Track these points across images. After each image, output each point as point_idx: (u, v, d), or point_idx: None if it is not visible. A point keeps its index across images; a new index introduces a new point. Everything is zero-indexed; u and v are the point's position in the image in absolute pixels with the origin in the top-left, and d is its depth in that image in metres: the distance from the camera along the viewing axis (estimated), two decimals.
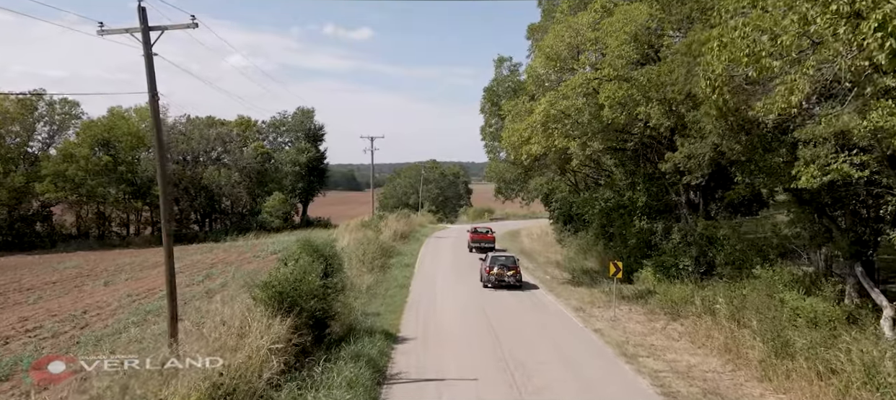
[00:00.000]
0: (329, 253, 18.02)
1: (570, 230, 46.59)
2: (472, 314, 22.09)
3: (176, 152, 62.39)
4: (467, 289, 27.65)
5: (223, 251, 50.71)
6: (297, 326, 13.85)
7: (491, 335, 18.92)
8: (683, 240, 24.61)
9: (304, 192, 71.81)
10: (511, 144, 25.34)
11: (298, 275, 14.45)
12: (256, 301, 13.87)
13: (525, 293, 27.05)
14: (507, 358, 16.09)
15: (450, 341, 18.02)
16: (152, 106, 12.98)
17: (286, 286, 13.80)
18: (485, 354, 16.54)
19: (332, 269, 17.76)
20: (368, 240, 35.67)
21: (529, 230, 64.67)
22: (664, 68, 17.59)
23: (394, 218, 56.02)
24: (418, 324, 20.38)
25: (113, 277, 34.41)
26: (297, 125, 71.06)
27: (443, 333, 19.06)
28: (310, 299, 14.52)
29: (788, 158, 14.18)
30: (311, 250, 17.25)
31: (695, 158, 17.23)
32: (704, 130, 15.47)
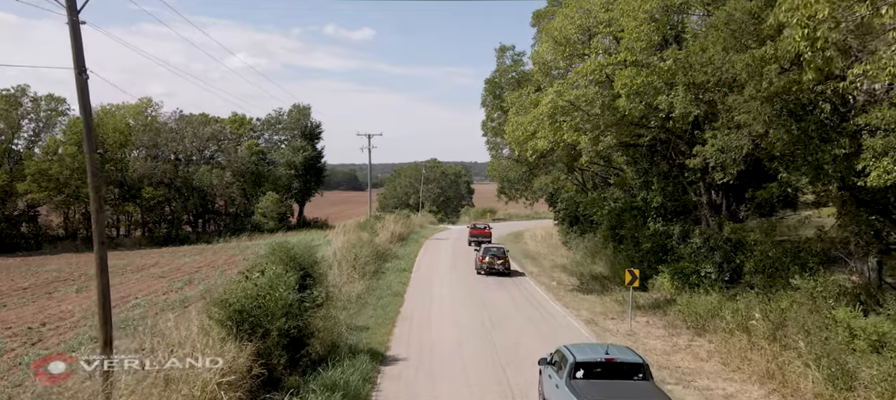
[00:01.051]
0: (308, 261, 15.72)
1: (577, 232, 44.29)
2: (471, 327, 19.80)
3: (167, 151, 60.20)
4: (467, 297, 25.39)
5: (212, 254, 48.55)
6: (262, 350, 11.59)
7: (492, 352, 16.65)
8: (705, 244, 22.29)
9: (300, 192, 69.52)
10: (515, 139, 23.06)
11: (263, 290, 12.16)
12: (212, 322, 11.60)
13: (532, 303, 24.76)
14: (513, 386, 13.80)
15: (446, 364, 15.73)
16: (79, 84, 10.72)
17: (247, 304, 11.52)
18: (485, 379, 14.26)
19: (311, 280, 15.48)
20: (362, 243, 33.39)
21: (533, 232, 62.35)
22: (695, 48, 15.29)
23: (392, 219, 53.71)
24: (411, 340, 18.10)
25: (89, 283, 32.15)
26: (293, 123, 68.75)
27: (438, 353, 16.77)
28: (278, 318, 12.24)
29: (850, 150, 11.88)
30: (285, 258, 14.96)
31: (729, 152, 14.93)
32: (743, 119, 13.21)
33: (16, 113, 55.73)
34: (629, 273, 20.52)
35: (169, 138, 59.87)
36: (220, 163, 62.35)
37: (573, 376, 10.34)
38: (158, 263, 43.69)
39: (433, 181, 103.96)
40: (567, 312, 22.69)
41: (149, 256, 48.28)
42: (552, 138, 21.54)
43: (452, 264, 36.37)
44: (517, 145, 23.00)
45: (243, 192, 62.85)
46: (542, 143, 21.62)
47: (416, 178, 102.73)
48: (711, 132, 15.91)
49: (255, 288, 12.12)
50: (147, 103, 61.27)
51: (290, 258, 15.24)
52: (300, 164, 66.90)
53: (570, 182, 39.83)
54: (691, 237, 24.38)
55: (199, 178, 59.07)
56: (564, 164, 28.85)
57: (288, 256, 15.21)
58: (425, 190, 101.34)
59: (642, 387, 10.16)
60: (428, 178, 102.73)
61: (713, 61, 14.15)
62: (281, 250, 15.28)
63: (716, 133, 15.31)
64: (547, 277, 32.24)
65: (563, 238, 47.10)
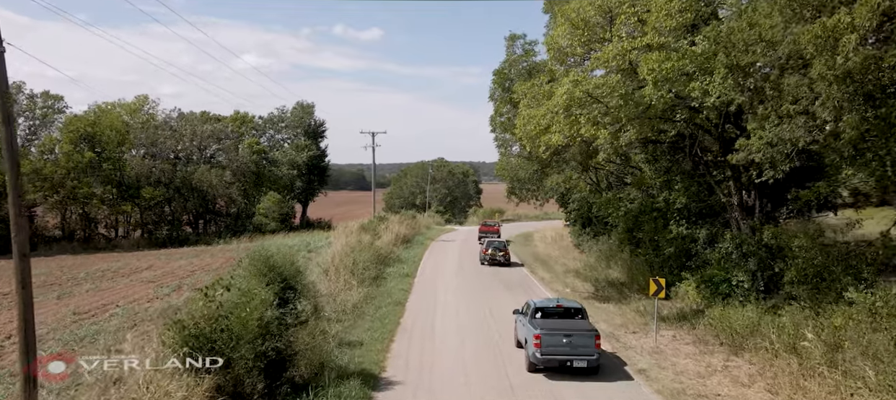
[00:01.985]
0: (290, 271, 13.76)
1: (590, 234, 42.17)
2: (478, 341, 17.79)
3: (165, 149, 58.56)
4: (473, 305, 23.36)
5: (210, 256, 46.81)
6: (224, 384, 9.64)
7: (502, 374, 14.62)
8: (737, 250, 20.12)
9: (303, 192, 67.75)
10: (526, 134, 21.00)
11: (229, 309, 10.21)
12: (166, 349, 9.66)
13: None
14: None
15: (449, 387, 13.73)
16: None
17: (206, 327, 9.56)
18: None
19: (293, 292, 13.53)
20: (362, 246, 31.43)
21: (543, 233, 60.21)
22: (740, 24, 13.15)
23: (396, 220, 51.81)
24: (410, 358, 16.10)
25: (74, 288, 30.44)
26: (297, 121, 66.97)
27: (440, 373, 14.77)
28: (247, 342, 10.29)
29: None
30: (263, 269, 13.01)
31: (781, 145, 12.81)
32: (805, 105, 11.13)
33: (11, 110, 54.21)
34: (654, 282, 18.42)
35: (167, 137, 58.20)
36: (221, 162, 60.63)
37: (534, 317, 15.86)
38: (153, 265, 42.00)
39: (440, 181, 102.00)
40: None
41: (145, 258, 46.62)
42: (568, 133, 19.47)
43: (458, 268, 34.34)
44: (529, 141, 20.93)
45: (244, 192, 61.12)
46: (557, 138, 19.55)
47: (422, 178, 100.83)
48: (754, 123, 13.79)
49: (217, 308, 10.15)
50: (144, 100, 59.70)
51: (270, 268, 13.28)
52: (303, 163, 65.14)
53: (584, 181, 37.69)
54: (719, 242, 22.22)
55: (199, 177, 57.37)
56: (578, 163, 26.74)
57: (266, 265, 13.25)
58: (432, 190, 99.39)
59: (580, 322, 15.79)
60: (435, 177, 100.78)
61: (765, 37, 12.05)
62: (259, 260, 13.32)
63: (764, 123, 13.18)
64: (560, 284, 30.16)
65: (576, 240, 44.99)
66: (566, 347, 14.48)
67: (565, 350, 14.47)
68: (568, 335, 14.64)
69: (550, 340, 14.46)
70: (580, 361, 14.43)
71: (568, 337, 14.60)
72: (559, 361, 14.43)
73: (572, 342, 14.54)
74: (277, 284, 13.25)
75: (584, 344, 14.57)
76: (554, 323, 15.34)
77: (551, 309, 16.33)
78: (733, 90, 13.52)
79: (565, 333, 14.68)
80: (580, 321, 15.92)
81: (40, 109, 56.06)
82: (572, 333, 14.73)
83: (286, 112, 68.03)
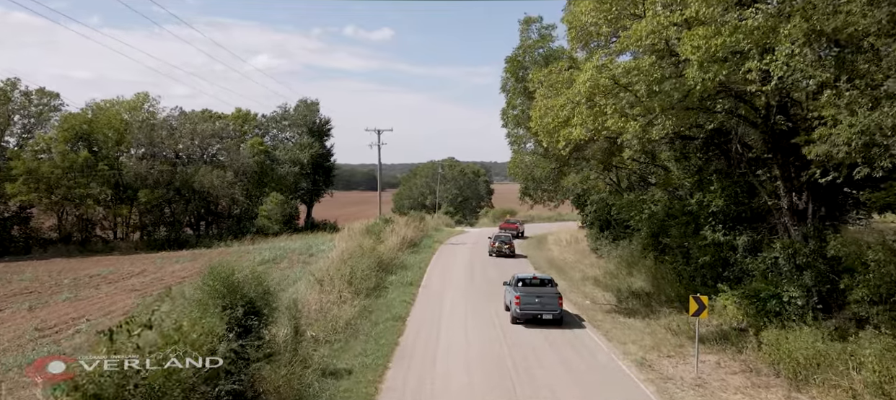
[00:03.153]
0: (256, 293, 11.24)
1: (608, 238, 39.36)
2: (490, 371, 15.18)
3: (164, 149, 56.49)
4: (485, 323, 20.73)
5: (207, 260, 44.51)
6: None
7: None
8: (789, 261, 17.35)
9: (308, 192, 65.47)
10: (543, 128, 18.37)
11: (153, 349, 7.66)
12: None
13: (566, 333, 20.00)
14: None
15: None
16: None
17: (108, 385, 7.00)
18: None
19: (257, 319, 11.01)
20: (363, 252, 28.90)
21: (557, 236, 57.43)
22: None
23: (403, 222, 49.25)
24: (406, 392, 13.53)
25: (51, 297, 28.24)
26: (301, 119, 64.65)
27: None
28: (184, 393, 7.76)
29: None
30: (219, 291, 10.51)
31: (880, 134, 10.04)
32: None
33: (6, 108, 52.44)
34: (694, 300, 15.70)
35: (166, 136, 56.12)
36: (222, 162, 58.47)
37: (516, 285, 20.95)
38: (145, 270, 39.84)
39: (451, 181, 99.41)
40: (610, 348, 17.89)
41: (139, 262, 44.52)
42: (591, 126, 16.83)
43: (468, 276, 31.69)
44: (546, 135, 18.29)
45: (246, 192, 58.92)
46: (579, 131, 16.90)
47: (432, 178, 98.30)
48: (831, 110, 11.03)
49: (137, 350, 7.61)
50: (144, 98, 57.67)
51: (229, 289, 10.76)
52: (307, 162, 62.81)
53: (603, 181, 34.97)
54: (764, 251, 19.45)
55: (199, 178, 55.22)
56: (599, 161, 24.05)
57: (225, 285, 10.73)
58: (442, 190, 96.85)
59: (549, 289, 20.85)
60: (445, 177, 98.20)
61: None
62: (216, 279, 10.80)
63: (853, 108, 10.43)
64: (578, 294, 27.44)
65: (593, 244, 42.19)
66: (538, 305, 19.93)
67: (537, 307, 19.90)
68: (539, 297, 20.13)
69: (527, 300, 19.96)
70: (547, 314, 19.97)
71: (539, 298, 20.09)
72: (533, 314, 19.88)
73: (542, 302, 20.03)
74: (239, 308, 10.73)
75: (551, 303, 20.06)
76: (530, 289, 20.67)
77: (529, 280, 21.78)
78: (812, 66, 10.80)
79: (538, 296, 20.16)
80: (549, 288, 21.06)
81: (35, 107, 54.17)
82: (542, 296, 20.23)
83: (289, 110, 65.77)
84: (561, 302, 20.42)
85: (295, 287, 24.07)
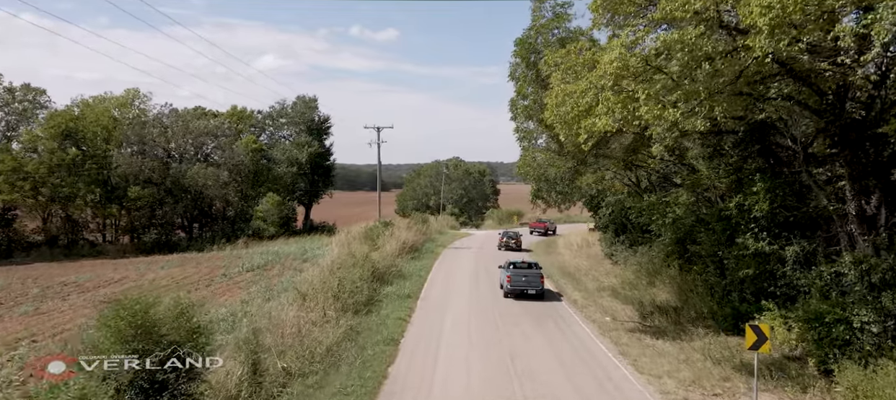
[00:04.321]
0: (181, 335, 8.34)
1: (624, 243, 36.35)
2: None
3: (155, 146, 53.85)
4: (491, 345, 17.79)
5: (196, 265, 41.93)
6: None
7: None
8: (862, 278, 14.33)
9: (306, 193, 62.71)
10: (560, 118, 15.42)
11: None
12: None
13: (585, 359, 17.03)
14: None
15: None
16: None
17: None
18: None
19: (182, 368, 8.12)
20: (355, 261, 26.02)
21: (567, 239, 54.46)
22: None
23: (404, 225, 46.39)
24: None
25: (10, 311, 25.49)
26: (299, 116, 61.83)
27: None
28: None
29: None
30: (130, 333, 7.62)
31: None
32: None
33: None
34: (752, 330, 12.72)
35: (158, 134, 53.48)
36: (216, 161, 55.79)
37: (508, 268, 25.95)
38: (126, 277, 37.15)
39: (455, 181, 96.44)
40: (641, 382, 14.88)
41: (123, 268, 41.87)
42: (619, 114, 13.86)
43: (473, 287, 28.73)
44: (563, 127, 15.31)
45: (241, 193, 56.21)
46: (604, 122, 13.94)
47: (436, 178, 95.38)
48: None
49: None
50: (134, 94, 55.07)
51: (142, 330, 7.87)
52: (305, 161, 60.03)
53: (620, 181, 31.95)
54: (821, 264, 16.43)
55: (192, 177, 52.55)
56: (620, 158, 21.05)
57: (135, 326, 7.83)
58: (447, 190, 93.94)
59: (534, 271, 25.67)
60: (449, 177, 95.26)
61: None
62: (124, 318, 7.90)
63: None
64: (596, 308, 24.44)
65: (607, 249, 39.17)
66: (524, 283, 24.47)
67: (523, 284, 24.50)
68: (526, 276, 24.67)
69: (516, 278, 24.57)
70: (531, 289, 24.46)
71: (526, 277, 24.63)
72: (520, 289, 24.55)
73: (527, 280, 24.56)
74: (157, 354, 7.83)
75: (535, 281, 24.64)
76: (519, 270, 25.29)
77: (519, 263, 26.51)
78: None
79: (524, 276, 24.71)
80: (534, 271, 25.57)
81: (20, 103, 51.62)
82: (528, 276, 24.75)
83: (287, 107, 62.97)
84: (543, 281, 25.61)
85: (278, 300, 21.24)
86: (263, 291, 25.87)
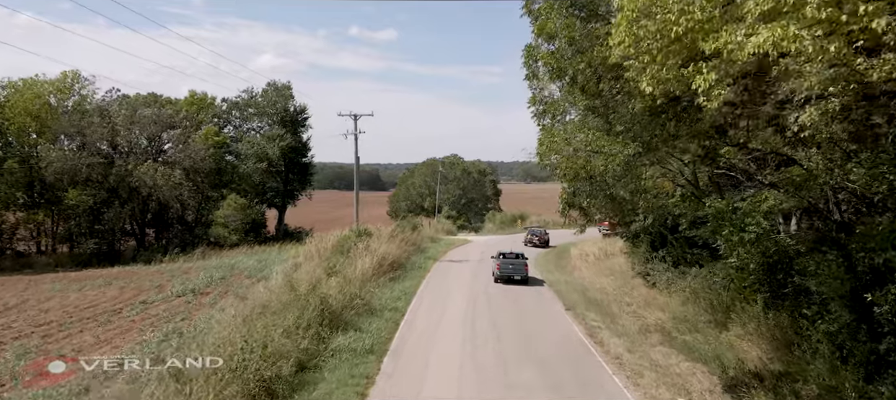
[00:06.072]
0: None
1: (665, 260, 28.21)
2: None
3: (99, 140, 45.61)
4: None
5: (124, 284, 33.77)
6: None
7: None
8: None
9: (279, 194, 54.54)
10: (648, 44, 7.10)
11: None
12: None
13: None
14: None
15: None
16: None
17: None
18: None
19: None
20: (296, 296, 17.78)
21: (581, 248, 46.36)
22: None
23: (387, 233, 38.22)
24: None
25: None
26: (269, 106, 53.60)
27: None
28: None
29: None
30: None
31: None
32: None
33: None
34: None
35: (98, 124, 45.26)
36: (170, 158, 47.58)
37: (499, 257, 30.87)
38: (26, 302, 28.96)
39: (453, 181, 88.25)
40: None
41: (36, 286, 33.74)
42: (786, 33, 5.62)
43: (468, 326, 20.52)
44: (657, 59, 7.12)
45: (199, 194, 48.01)
46: (775, 34, 5.67)
47: (432, 178, 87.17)
48: None
49: None
50: (74, 77, 46.87)
51: None
52: (277, 157, 51.82)
53: (668, 180, 23.81)
54: None
55: (139, 175, 44.36)
56: (705, 140, 12.83)
57: None
58: (443, 191, 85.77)
59: (520, 260, 30.74)
60: (446, 177, 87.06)
61: None
62: None
63: None
64: (652, 372, 16.21)
65: (641, 266, 30.98)
66: (511, 270, 29.72)
67: (511, 271, 29.68)
68: (513, 264, 30.02)
69: (504, 266, 29.81)
70: (517, 276, 29.65)
71: (513, 265, 29.97)
72: (508, 275, 29.64)
73: (514, 268, 29.76)
74: None
75: (520, 269, 29.85)
76: (508, 259, 30.52)
77: (508, 254, 31.71)
78: None
79: (511, 264, 30.05)
80: (521, 260, 30.76)
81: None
82: (515, 264, 30.05)
83: (256, 95, 54.72)
84: (527, 269, 30.31)
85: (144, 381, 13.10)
86: (161, 339, 17.71)
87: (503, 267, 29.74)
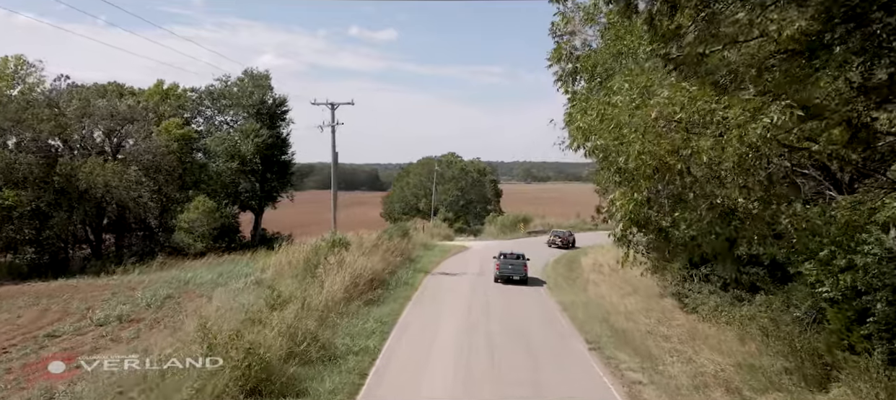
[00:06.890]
0: None
1: (711, 279, 22.72)
2: None
3: (40, 132, 39.99)
4: None
5: (48, 305, 28.13)
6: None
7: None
8: None
9: (255, 195, 48.97)
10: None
11: None
12: None
13: None
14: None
15: None
16: None
17: None
18: None
19: None
20: (211, 344, 12.18)
21: (593, 257, 40.91)
22: None
23: (369, 242, 32.65)
24: None
25: None
26: (244, 97, 48.01)
27: None
28: None
29: None
30: None
31: None
32: None
33: None
34: None
35: (44, 117, 39.66)
36: (127, 154, 42.01)
37: (499, 258, 32.19)
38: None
39: (450, 181, 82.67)
40: None
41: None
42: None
43: (459, 386, 14.95)
44: None
45: (161, 195, 42.42)
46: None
47: (428, 178, 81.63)
48: None
49: None
50: (19, 63, 41.20)
51: None
52: (252, 154, 46.23)
53: (729, 189, 18.10)
54: None
55: (87, 174, 38.80)
56: None
57: None
58: (440, 192, 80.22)
59: (519, 261, 31.82)
60: (443, 176, 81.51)
61: None
62: None
63: None
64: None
65: (674, 285, 25.45)
66: (510, 270, 30.87)
67: (510, 271, 30.83)
68: (512, 265, 31.20)
69: (504, 266, 31.06)
70: (516, 276, 30.77)
71: (512, 265, 31.15)
72: (507, 276, 30.80)
73: (513, 269, 30.92)
74: None
75: (519, 269, 30.96)
76: (507, 260, 31.62)
77: (508, 254, 32.82)
78: None
79: (511, 264, 31.25)
80: (519, 261, 31.62)
81: None
82: (514, 264, 31.22)
83: (230, 85, 49.09)
84: (526, 269, 31.43)
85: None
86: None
87: (503, 267, 31.42)
